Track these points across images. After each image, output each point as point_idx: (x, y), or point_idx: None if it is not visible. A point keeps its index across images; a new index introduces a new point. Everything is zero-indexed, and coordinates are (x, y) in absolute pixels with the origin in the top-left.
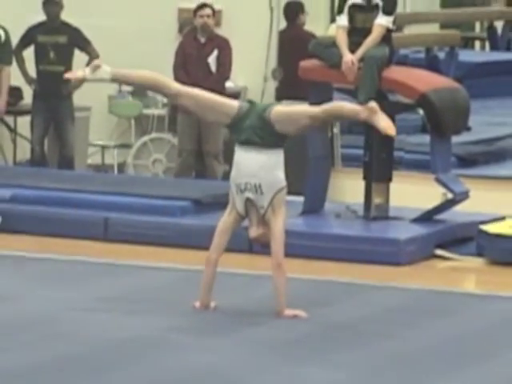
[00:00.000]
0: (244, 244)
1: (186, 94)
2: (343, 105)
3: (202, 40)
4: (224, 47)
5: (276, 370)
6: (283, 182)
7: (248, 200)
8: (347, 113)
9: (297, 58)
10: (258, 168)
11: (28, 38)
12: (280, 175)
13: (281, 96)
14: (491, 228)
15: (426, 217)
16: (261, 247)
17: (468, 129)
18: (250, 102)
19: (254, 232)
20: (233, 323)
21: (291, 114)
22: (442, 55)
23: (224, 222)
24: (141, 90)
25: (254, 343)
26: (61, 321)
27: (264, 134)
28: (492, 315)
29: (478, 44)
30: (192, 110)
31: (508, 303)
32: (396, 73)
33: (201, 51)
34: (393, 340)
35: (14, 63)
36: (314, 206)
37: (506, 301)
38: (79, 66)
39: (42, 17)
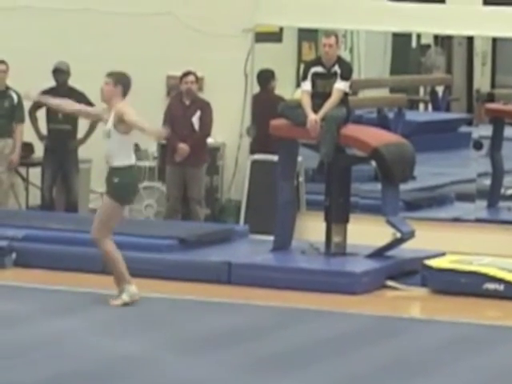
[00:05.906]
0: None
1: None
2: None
3: (187, 102)
4: (205, 109)
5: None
6: None
7: None
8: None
9: (268, 117)
10: None
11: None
12: None
13: (254, 150)
14: (433, 262)
15: (378, 253)
16: None
17: (414, 178)
18: None
19: None
20: (206, 346)
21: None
22: (391, 115)
23: None
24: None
25: (222, 363)
26: (63, 343)
27: None
28: (434, 336)
29: (421, 106)
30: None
31: (447, 326)
32: (352, 130)
33: (186, 112)
34: (348, 358)
35: (27, 122)
36: (282, 244)
37: (446, 324)
38: (84, 125)
39: (52, 83)
